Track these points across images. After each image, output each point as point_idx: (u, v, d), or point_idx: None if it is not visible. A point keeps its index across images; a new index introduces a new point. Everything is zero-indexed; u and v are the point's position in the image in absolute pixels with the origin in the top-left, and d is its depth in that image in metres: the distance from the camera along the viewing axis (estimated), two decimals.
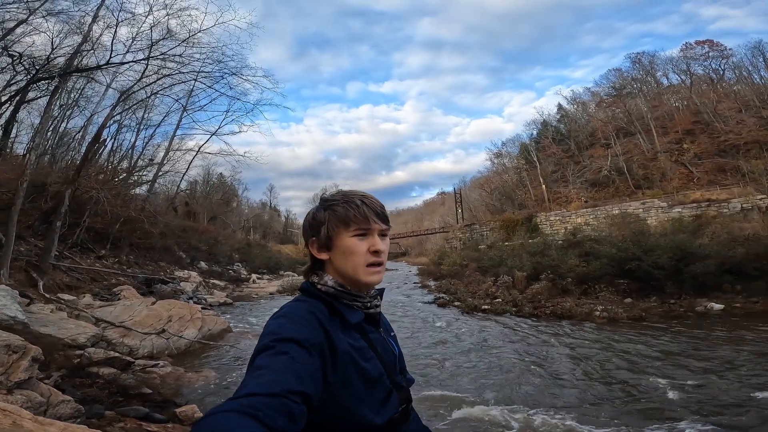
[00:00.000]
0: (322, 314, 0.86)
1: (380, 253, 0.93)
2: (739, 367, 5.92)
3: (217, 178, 47.67)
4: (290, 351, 0.72)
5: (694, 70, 42.75)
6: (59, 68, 12.07)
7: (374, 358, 0.89)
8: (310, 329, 0.80)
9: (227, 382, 6.22)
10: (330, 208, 0.95)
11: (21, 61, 11.61)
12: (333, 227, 0.93)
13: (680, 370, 5.97)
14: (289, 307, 0.88)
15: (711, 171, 30.80)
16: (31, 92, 14.61)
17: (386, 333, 1.02)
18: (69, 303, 8.57)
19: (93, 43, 12.96)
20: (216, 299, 15.76)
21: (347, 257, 0.92)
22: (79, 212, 15.14)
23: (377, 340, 0.94)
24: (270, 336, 0.76)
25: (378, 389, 0.87)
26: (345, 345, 0.84)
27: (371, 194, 0.98)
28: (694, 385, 5.31)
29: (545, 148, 46.16)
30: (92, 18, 12.61)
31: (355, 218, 0.91)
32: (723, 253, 11.15)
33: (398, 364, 0.98)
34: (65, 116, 21.86)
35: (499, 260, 17.70)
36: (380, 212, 0.95)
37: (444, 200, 79.77)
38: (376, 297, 0.99)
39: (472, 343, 8.65)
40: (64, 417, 3.12)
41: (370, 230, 0.93)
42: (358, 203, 0.93)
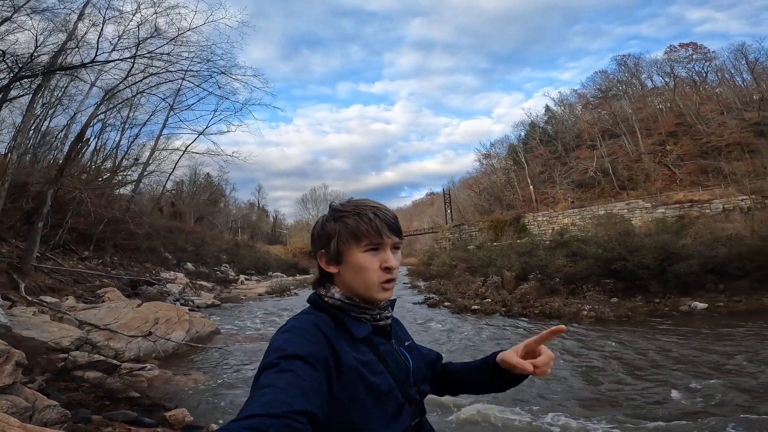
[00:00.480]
0: (327, 327, 0.83)
1: (392, 270, 0.89)
2: (722, 365, 6.07)
3: (204, 178, 47.08)
4: (295, 368, 0.70)
5: (678, 72, 43.67)
6: (43, 66, 11.80)
7: (384, 372, 0.86)
8: (315, 343, 0.78)
9: (217, 385, 6.14)
10: (341, 219, 0.90)
11: (4, 59, 11.29)
12: (344, 241, 0.89)
13: (665, 369, 6.10)
14: (295, 320, 0.86)
15: (693, 172, 31.54)
16: (14, 90, 14.19)
17: (399, 344, 0.98)
18: (52, 305, 8.37)
19: (78, 41, 12.73)
20: (203, 301, 15.56)
21: (358, 273, 0.88)
22: (61, 213, 14.80)
23: (388, 353, 0.91)
24: (274, 353, 0.74)
25: (388, 403, 0.84)
26: (351, 359, 0.81)
27: (383, 205, 0.93)
28: (683, 385, 5.43)
29: (533, 149, 46.71)
30: (78, 16, 12.38)
31: (368, 232, 0.87)
32: (706, 253, 11.36)
33: (412, 375, 0.94)
34: (48, 115, 21.28)
35: (488, 260, 17.82)
36: (393, 225, 0.90)
37: (433, 201, 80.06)
38: (387, 308, 0.95)
39: (462, 343, 8.70)
40: (51, 422, 3.04)
41: (383, 245, 0.88)
42: (370, 216, 0.88)
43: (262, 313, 13.95)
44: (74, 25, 12.41)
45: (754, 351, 6.53)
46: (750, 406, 4.52)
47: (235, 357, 7.90)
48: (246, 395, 0.68)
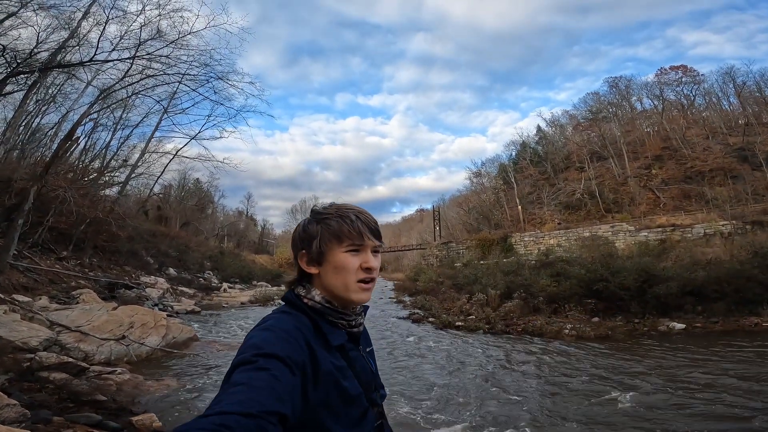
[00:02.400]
0: (307, 331, 0.83)
1: (372, 270, 0.91)
2: (690, 382, 6.12)
3: (193, 183, 46.72)
4: (272, 368, 0.69)
5: (667, 95, 44.66)
6: (41, 63, 11.69)
7: (352, 377, 0.87)
8: (295, 346, 0.77)
9: (189, 391, 5.99)
10: (323, 221, 0.92)
11: (3, 54, 11.17)
12: (325, 242, 0.90)
13: (639, 385, 6.12)
14: (274, 319, 0.84)
15: (677, 197, 32.26)
16: (9, 86, 14.03)
17: (364, 349, 0.99)
18: (23, 305, 8.12)
19: (80, 40, 12.66)
20: (183, 307, 15.24)
21: (338, 273, 0.89)
22: (43, 211, 14.50)
23: (356, 358, 0.92)
24: (251, 350, 0.73)
25: (355, 407, 0.84)
26: (328, 364, 0.81)
27: (365, 210, 0.95)
28: (653, 399, 5.46)
29: (523, 169, 47.39)
30: (83, 14, 12.35)
31: (350, 234, 0.89)
32: (685, 275, 11.61)
33: (374, 381, 0.96)
34: (40, 111, 21.00)
35: (474, 278, 17.88)
36: (374, 228, 0.93)
37: (422, 217, 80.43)
38: (361, 314, 0.97)
39: (443, 358, 8.64)
40: (8, 421, 2.93)
41: (364, 246, 0.90)
42: (352, 218, 0.90)
43: (243, 321, 13.72)
44: (78, 22, 12.39)
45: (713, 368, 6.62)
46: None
47: (211, 364, 7.72)
48: None
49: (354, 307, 0.94)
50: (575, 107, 53.60)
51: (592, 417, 5.07)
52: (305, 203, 73.54)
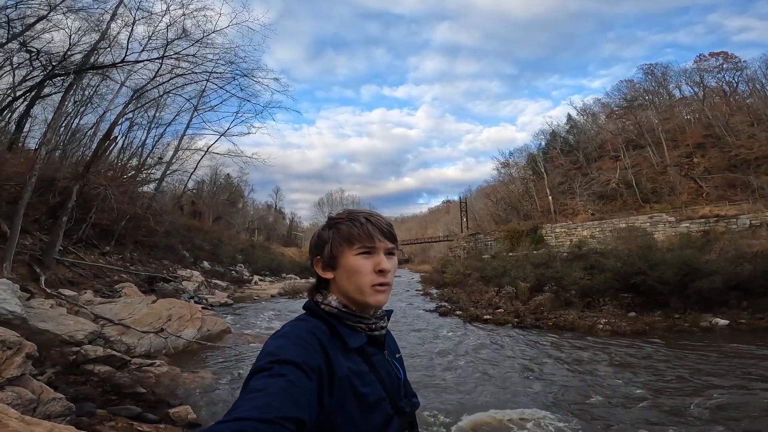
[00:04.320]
0: (323, 335, 0.83)
1: (386, 273, 0.90)
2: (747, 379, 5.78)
3: (224, 178, 48.02)
4: (288, 374, 0.70)
5: (707, 82, 41.93)
6: (75, 65, 12.22)
7: (375, 383, 0.86)
8: (310, 351, 0.77)
9: (223, 384, 6.19)
10: (335, 226, 0.93)
11: (38, 57, 11.75)
12: (337, 246, 0.91)
13: (678, 384, 5.84)
14: (290, 326, 0.85)
15: (721, 186, 30.40)
16: (47, 88, 14.75)
17: (391, 355, 0.98)
18: (69, 299, 8.60)
19: (110, 41, 13.13)
20: (217, 299, 15.78)
21: (351, 276, 0.89)
22: (85, 208, 15.26)
23: (380, 363, 0.91)
24: (267, 357, 0.74)
25: (376, 415, 0.83)
26: (344, 369, 0.81)
27: (377, 213, 0.95)
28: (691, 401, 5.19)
29: (553, 158, 45.88)
30: (111, 16, 12.79)
31: (359, 236, 0.89)
32: (730, 269, 11.03)
33: (403, 388, 0.95)
34: (78, 113, 22.10)
35: (503, 270, 17.58)
36: (386, 230, 0.92)
37: (449, 209, 79.60)
38: (383, 318, 0.96)
39: (471, 352, 8.55)
40: (54, 415, 3.10)
41: (375, 248, 0.90)
42: (362, 221, 0.91)
43: (273, 313, 14.05)
44: (107, 24, 12.82)
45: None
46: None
47: (243, 357, 7.96)
48: None
49: (374, 311, 0.93)
50: (608, 95, 51.02)
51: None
52: (332, 196, 74.57)
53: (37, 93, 14.84)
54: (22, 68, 14.64)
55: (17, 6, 11.22)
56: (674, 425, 4.65)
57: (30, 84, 14.43)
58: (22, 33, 11.73)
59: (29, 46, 11.86)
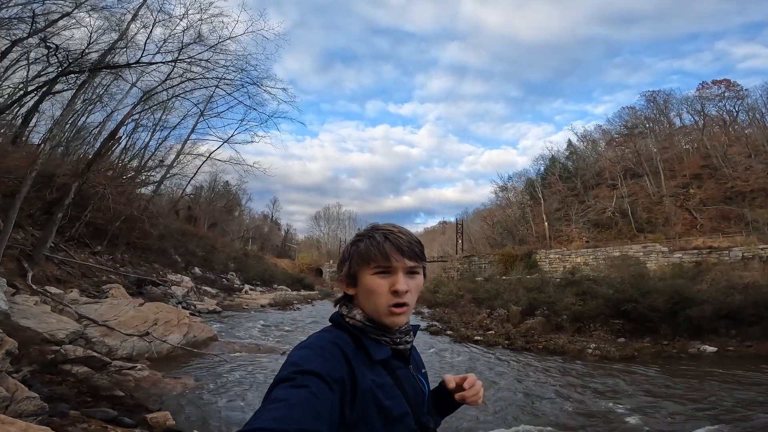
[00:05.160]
0: (347, 347, 0.83)
1: (401, 294, 0.87)
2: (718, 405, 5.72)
3: (223, 185, 48.00)
4: (310, 385, 0.69)
5: (708, 110, 41.99)
6: (91, 63, 12.29)
7: (399, 397, 0.84)
8: (334, 362, 0.77)
9: (205, 392, 6.07)
10: (356, 243, 0.93)
11: (56, 53, 11.79)
12: (356, 264, 0.91)
13: (658, 408, 5.77)
14: (315, 337, 0.85)
15: (715, 218, 30.63)
16: (59, 84, 14.79)
17: (416, 370, 0.97)
18: (55, 296, 8.49)
19: (127, 41, 13.23)
20: (205, 306, 15.59)
21: (369, 296, 0.88)
22: (82, 206, 15.19)
23: (405, 377, 0.89)
24: (291, 367, 0.74)
25: (399, 429, 0.82)
26: (368, 381, 0.80)
27: (401, 228, 0.93)
28: None
29: (551, 184, 46.18)
30: (132, 16, 12.95)
31: (375, 256, 0.88)
32: (720, 299, 11.13)
33: (427, 403, 0.94)
34: (86, 110, 22.16)
35: (495, 293, 17.54)
36: (405, 249, 0.89)
37: (445, 230, 79.60)
38: (408, 333, 0.94)
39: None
40: (26, 414, 3.02)
41: (392, 268, 0.88)
42: (379, 240, 0.89)
43: (262, 324, 13.89)
44: (127, 25, 12.95)
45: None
46: None
47: (228, 365, 7.83)
48: (235, 404, 0.66)
49: (398, 326, 0.91)
50: (609, 122, 51.62)
51: None
52: (329, 210, 74.41)
53: (48, 89, 14.87)
54: (37, 63, 14.73)
55: (44, 1, 11.31)
56: None
57: (43, 79, 14.48)
58: (45, 29, 11.75)
59: (48, 42, 11.90)
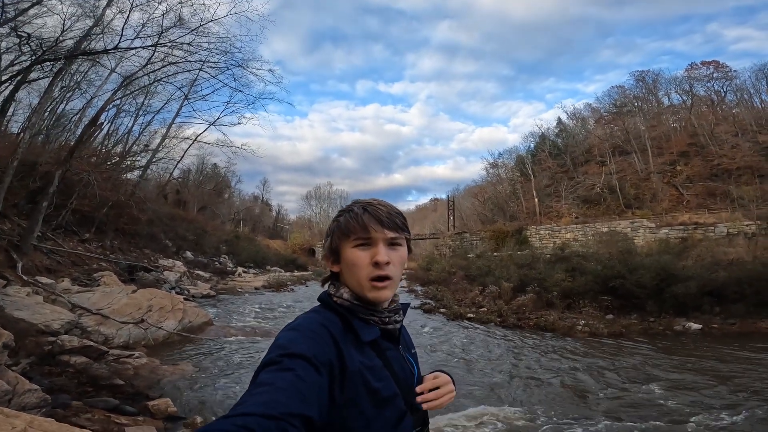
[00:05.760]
0: (336, 328, 0.81)
1: (381, 265, 0.85)
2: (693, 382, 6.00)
3: (211, 168, 47.30)
4: (297, 368, 0.68)
5: (697, 90, 42.38)
6: (66, 50, 11.85)
7: (388, 378, 0.84)
8: (322, 345, 0.76)
9: (204, 377, 6.14)
10: (337, 218, 0.92)
11: (28, 41, 11.35)
12: (337, 239, 0.90)
13: (649, 384, 6.03)
14: (302, 318, 0.84)
15: (701, 194, 31.23)
16: (34, 73, 14.26)
17: (406, 350, 0.95)
18: (46, 287, 8.41)
19: (103, 27, 12.75)
20: (199, 291, 15.59)
21: (350, 270, 0.87)
22: (67, 194, 14.87)
23: (394, 358, 0.88)
24: (277, 350, 0.72)
25: (389, 410, 0.81)
26: (356, 363, 0.79)
27: (382, 201, 0.92)
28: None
29: (541, 161, 46.40)
30: (107, 1, 12.44)
31: (354, 228, 0.87)
32: (705, 275, 11.41)
33: (416, 384, 0.93)
34: (65, 98, 21.50)
35: (487, 270, 17.79)
36: (385, 219, 0.87)
37: (436, 207, 79.86)
38: (398, 312, 0.93)
39: (454, 349, 8.67)
40: (29, 406, 3.05)
41: (372, 239, 0.86)
42: (357, 212, 0.88)
43: (257, 306, 13.97)
44: (102, 11, 12.47)
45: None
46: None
47: (225, 350, 7.90)
48: (233, 389, 0.66)
49: (388, 304, 0.91)
50: (598, 100, 51.71)
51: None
52: (320, 189, 73.94)
53: (23, 78, 14.34)
54: (9, 53, 14.17)
55: None
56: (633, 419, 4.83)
57: (17, 69, 13.95)
58: (15, 18, 11.28)
59: (20, 30, 11.43)
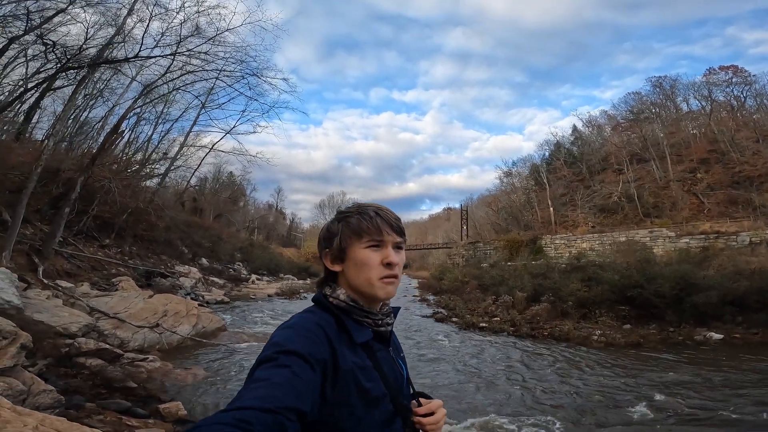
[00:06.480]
0: (330, 328, 0.84)
1: (393, 266, 0.90)
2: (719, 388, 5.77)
3: (227, 176, 48.10)
4: (292, 365, 0.71)
5: (716, 96, 41.40)
6: (89, 58, 12.27)
7: (378, 379, 0.86)
8: (316, 343, 0.78)
9: (215, 382, 6.19)
10: (344, 219, 0.94)
11: (53, 49, 11.78)
12: (346, 239, 0.92)
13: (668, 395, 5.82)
14: (297, 317, 0.87)
15: (722, 202, 30.35)
16: (59, 80, 14.81)
17: (396, 353, 0.98)
18: (66, 290, 8.63)
19: (124, 36, 13.20)
20: (213, 297, 15.78)
21: (360, 269, 0.90)
22: (88, 200, 15.31)
23: (384, 359, 0.91)
24: (273, 347, 0.75)
25: (379, 410, 0.84)
26: (349, 363, 0.81)
27: (387, 207, 0.97)
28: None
29: (556, 170, 45.83)
30: (128, 11, 12.89)
31: (368, 229, 0.90)
32: (726, 285, 11.07)
33: (407, 386, 0.96)
34: (88, 105, 22.31)
35: (501, 279, 17.57)
36: (394, 224, 0.93)
37: (449, 216, 79.53)
38: (390, 315, 0.96)
39: (465, 358, 8.55)
40: (43, 406, 3.12)
41: (384, 242, 0.91)
42: (371, 214, 0.92)
43: (269, 313, 14.05)
44: (123, 19, 12.90)
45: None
46: None
47: (237, 355, 7.96)
48: None
49: (381, 307, 0.94)
50: (615, 107, 51.00)
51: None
52: (333, 198, 74.52)
53: (48, 85, 14.93)
54: (36, 60, 14.75)
55: None
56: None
57: (43, 76, 14.51)
58: (40, 26, 11.73)
59: (45, 38, 11.88)
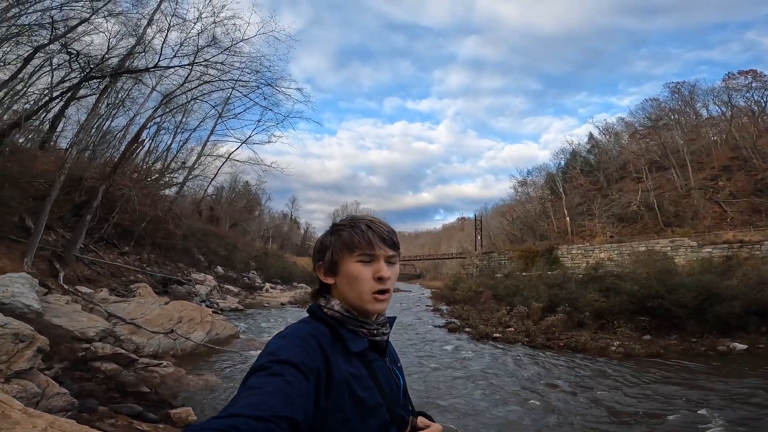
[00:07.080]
0: (324, 338, 0.84)
1: (384, 280, 0.90)
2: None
3: (243, 185, 48.85)
4: (285, 373, 0.71)
5: (736, 101, 40.10)
6: (112, 68, 12.70)
7: (374, 388, 0.85)
8: (310, 353, 0.78)
9: (227, 388, 6.22)
10: (336, 232, 0.94)
11: (78, 58, 12.22)
12: (338, 252, 0.92)
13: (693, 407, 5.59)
14: (292, 327, 0.87)
15: (746, 211, 29.32)
16: (82, 90, 15.32)
17: (392, 363, 0.98)
18: (85, 296, 8.84)
19: (144, 46, 13.65)
20: (228, 304, 15.95)
21: (351, 283, 0.90)
22: (109, 208, 15.73)
23: (380, 369, 0.90)
24: (267, 356, 0.75)
25: (374, 420, 0.83)
26: (343, 372, 0.81)
27: (380, 219, 0.96)
28: None
29: (572, 178, 45.05)
30: (147, 21, 13.34)
31: (359, 243, 0.90)
32: (750, 294, 10.70)
33: (402, 396, 0.95)
34: (110, 115, 23.01)
35: (516, 290, 17.31)
36: (387, 238, 0.92)
37: (463, 226, 79.00)
38: (385, 325, 0.96)
39: (478, 369, 8.40)
40: (56, 409, 3.18)
41: (375, 256, 0.90)
42: (363, 228, 0.91)
43: (282, 321, 14.11)
44: (143, 30, 13.35)
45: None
46: None
47: (249, 362, 7.98)
48: None
49: (376, 317, 0.93)
50: (632, 114, 49.81)
51: None
52: (347, 208, 75.03)
53: (73, 94, 15.45)
54: (60, 69, 15.32)
55: (62, 8, 11.76)
56: None
57: (67, 85, 15.05)
58: (65, 35, 12.16)
59: (69, 48, 12.32)
